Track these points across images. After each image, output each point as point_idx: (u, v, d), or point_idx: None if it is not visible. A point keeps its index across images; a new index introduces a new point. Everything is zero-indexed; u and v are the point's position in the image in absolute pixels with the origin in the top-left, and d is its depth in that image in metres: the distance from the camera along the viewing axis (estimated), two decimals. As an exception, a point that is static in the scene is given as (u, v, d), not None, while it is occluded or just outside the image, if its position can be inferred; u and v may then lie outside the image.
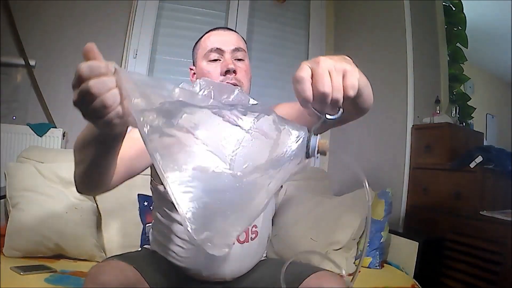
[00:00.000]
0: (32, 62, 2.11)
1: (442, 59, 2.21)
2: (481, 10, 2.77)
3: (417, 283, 1.44)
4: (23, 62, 2.09)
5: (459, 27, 2.32)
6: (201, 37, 1.04)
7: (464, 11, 2.31)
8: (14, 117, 2.10)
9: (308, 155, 0.49)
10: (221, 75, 0.96)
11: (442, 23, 2.23)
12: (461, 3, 2.33)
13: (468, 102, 2.36)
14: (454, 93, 2.30)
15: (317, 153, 0.49)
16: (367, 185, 0.48)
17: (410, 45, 2.06)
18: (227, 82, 0.95)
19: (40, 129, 2.04)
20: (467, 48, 2.34)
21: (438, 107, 2.04)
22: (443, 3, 2.27)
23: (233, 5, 2.49)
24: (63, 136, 2.09)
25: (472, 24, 2.36)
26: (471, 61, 2.45)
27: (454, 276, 1.56)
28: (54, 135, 2.06)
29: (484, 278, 1.44)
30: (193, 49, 1.06)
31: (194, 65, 1.05)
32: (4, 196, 1.43)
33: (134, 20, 2.30)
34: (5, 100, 2.07)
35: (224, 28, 1.04)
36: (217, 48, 0.97)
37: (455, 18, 2.31)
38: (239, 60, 0.99)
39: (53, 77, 2.16)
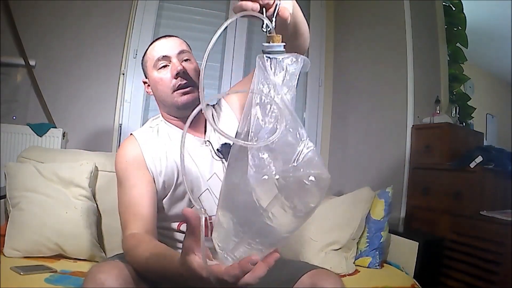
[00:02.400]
0: (32, 62, 2.11)
1: (442, 59, 2.21)
2: (481, 10, 2.77)
3: (417, 283, 1.44)
4: (23, 62, 2.09)
5: (459, 27, 2.32)
6: (146, 50, 1.08)
7: (464, 11, 2.31)
8: (14, 117, 2.10)
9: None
10: (173, 78, 0.99)
11: (442, 23, 2.23)
12: (461, 3, 2.33)
13: (468, 102, 2.36)
14: (454, 93, 2.30)
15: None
16: None
17: (410, 45, 2.06)
18: (179, 84, 0.99)
19: (40, 129, 2.05)
20: (467, 48, 2.34)
21: (438, 107, 2.04)
22: (443, 3, 2.27)
23: (233, 5, 2.49)
24: (63, 136, 2.09)
25: (472, 24, 2.36)
26: (471, 61, 2.45)
27: (454, 276, 1.56)
28: (54, 135, 2.06)
29: (484, 278, 1.44)
30: (142, 63, 1.10)
31: (146, 77, 1.09)
32: (4, 196, 1.43)
33: (134, 20, 2.31)
34: (5, 100, 2.07)
35: (165, 36, 1.07)
36: (163, 56, 1.02)
37: (455, 18, 2.31)
38: (186, 60, 1.03)
39: (53, 77, 2.16)
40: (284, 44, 0.58)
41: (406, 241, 1.60)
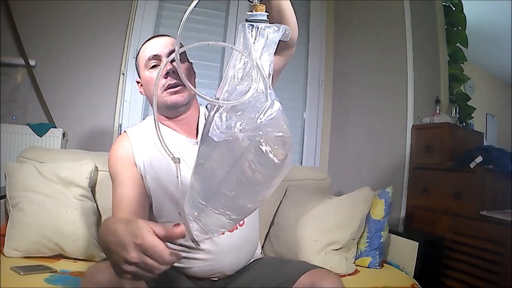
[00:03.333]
0: (32, 62, 2.11)
1: (442, 59, 2.21)
2: (481, 10, 2.77)
3: (417, 283, 1.44)
4: (23, 62, 2.09)
5: (459, 27, 2.32)
6: (139, 49, 1.07)
7: (464, 11, 2.31)
8: (14, 117, 2.10)
9: None
10: (163, 78, 0.98)
11: (442, 23, 2.23)
12: (461, 3, 2.32)
13: (468, 102, 2.36)
14: (454, 93, 2.30)
15: None
16: None
17: (410, 45, 2.06)
18: (168, 84, 0.98)
19: (40, 129, 2.04)
20: (467, 48, 2.34)
21: (438, 107, 2.04)
22: (443, 3, 2.27)
23: (233, 5, 2.49)
24: (63, 136, 2.09)
25: (472, 24, 2.36)
26: (471, 61, 2.45)
27: (454, 276, 1.56)
28: (54, 135, 2.06)
29: (484, 278, 1.44)
30: (135, 63, 1.10)
31: (139, 77, 1.09)
32: (4, 196, 1.43)
33: (134, 20, 2.31)
34: (5, 100, 2.07)
35: (158, 35, 1.07)
36: (154, 55, 1.01)
37: (455, 18, 2.31)
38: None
39: (53, 77, 2.16)
40: (268, 14, 0.59)
41: (406, 241, 1.60)
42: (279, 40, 0.83)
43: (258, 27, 0.57)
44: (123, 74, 2.28)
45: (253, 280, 1.01)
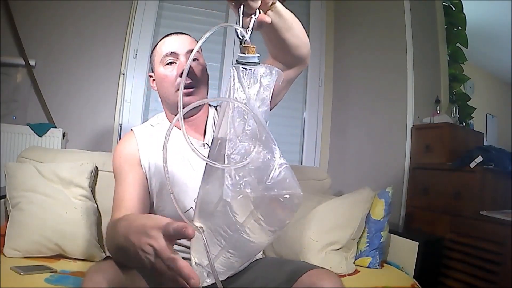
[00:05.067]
0: (32, 62, 2.11)
1: (442, 59, 2.21)
2: (481, 10, 2.77)
3: (417, 283, 1.43)
4: (23, 62, 2.09)
5: (459, 27, 2.32)
6: (157, 43, 1.07)
7: (464, 11, 2.32)
8: (14, 117, 2.10)
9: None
10: (178, 77, 0.99)
11: (442, 23, 2.23)
12: (461, 3, 2.33)
13: (468, 102, 2.36)
14: (454, 93, 2.30)
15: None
16: None
17: (410, 45, 2.06)
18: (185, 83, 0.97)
19: (40, 129, 2.05)
20: (467, 48, 2.34)
21: (438, 107, 2.04)
22: (443, 3, 2.27)
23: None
24: (63, 136, 2.09)
25: (472, 24, 2.36)
26: (471, 61, 2.45)
27: (454, 276, 1.56)
28: (54, 135, 2.06)
29: (484, 278, 1.44)
30: (150, 56, 1.09)
31: (152, 71, 1.08)
32: (4, 196, 1.43)
33: (134, 20, 2.31)
34: (5, 100, 2.07)
35: (177, 32, 1.06)
36: (171, 52, 1.00)
37: (455, 18, 2.32)
38: (194, 60, 1.02)
39: (53, 77, 2.16)
40: (258, 55, 0.58)
41: (406, 241, 1.60)
42: (293, 53, 0.82)
43: (251, 71, 0.57)
44: (123, 74, 2.28)
45: (254, 280, 1.01)
